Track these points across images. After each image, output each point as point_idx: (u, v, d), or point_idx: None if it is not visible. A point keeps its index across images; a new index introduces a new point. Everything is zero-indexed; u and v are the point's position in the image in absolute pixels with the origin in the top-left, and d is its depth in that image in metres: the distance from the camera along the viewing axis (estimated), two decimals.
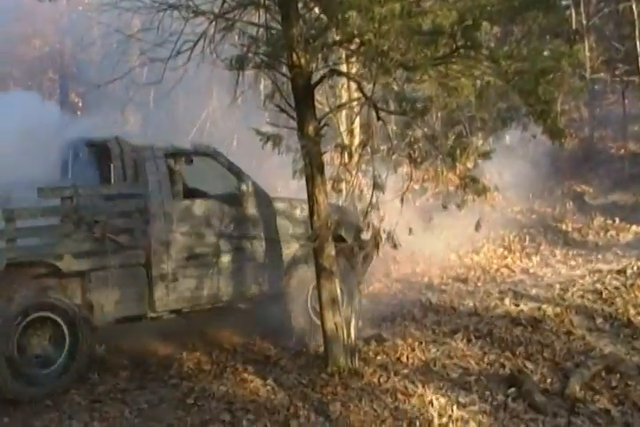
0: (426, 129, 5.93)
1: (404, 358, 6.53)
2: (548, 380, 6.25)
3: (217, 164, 6.80)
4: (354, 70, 7.20)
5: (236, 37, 6.24)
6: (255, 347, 7.08)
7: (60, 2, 9.15)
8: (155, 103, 12.46)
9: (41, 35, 14.42)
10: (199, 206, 6.61)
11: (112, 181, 6.39)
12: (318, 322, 6.80)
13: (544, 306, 7.85)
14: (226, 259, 6.66)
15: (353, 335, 6.21)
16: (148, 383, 6.12)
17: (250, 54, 5.82)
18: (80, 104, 13.41)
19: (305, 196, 6.19)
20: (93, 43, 10.06)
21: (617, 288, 8.29)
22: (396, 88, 5.67)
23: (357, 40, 5.57)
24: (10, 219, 5.64)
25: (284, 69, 6.12)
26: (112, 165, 6.34)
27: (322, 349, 6.38)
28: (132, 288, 6.20)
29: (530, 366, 6.45)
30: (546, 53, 5.40)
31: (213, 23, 5.95)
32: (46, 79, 12.92)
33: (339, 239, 7.14)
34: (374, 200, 5.86)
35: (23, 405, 5.66)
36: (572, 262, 9.96)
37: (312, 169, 5.96)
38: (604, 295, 8.10)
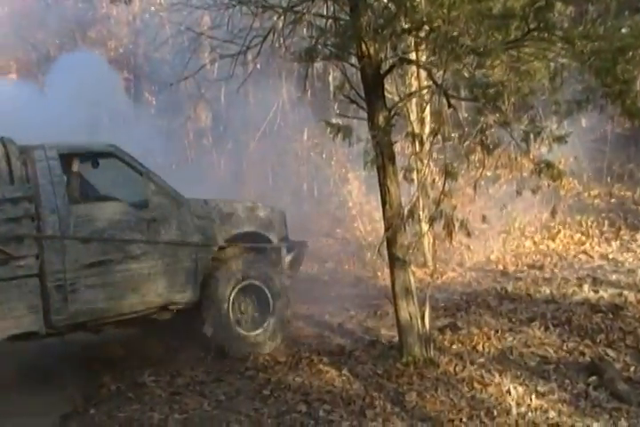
0: (498, 115, 5.83)
1: (479, 347, 6.46)
2: (632, 368, 6.06)
3: (121, 163, 6.36)
4: (423, 58, 7.12)
5: (305, 30, 6.28)
6: (328, 338, 7.16)
7: (134, 4, 9.43)
8: (225, 99, 12.69)
9: (116, 37, 14.91)
10: (99, 210, 6.17)
11: None
12: (241, 332, 6.73)
13: (625, 292, 7.63)
14: (133, 266, 6.20)
15: (427, 325, 6.19)
16: (225, 376, 6.22)
17: (319, 46, 5.84)
18: (154, 102, 13.80)
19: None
20: (165, 42, 10.32)
21: None
22: (466, 74, 5.60)
23: (426, 27, 5.51)
24: None
25: (353, 60, 6.13)
26: None
27: (396, 339, 6.38)
28: (22, 302, 5.66)
29: (611, 353, 6.27)
30: (624, 31, 5.21)
31: (282, 17, 6.01)
32: (122, 79, 13.38)
33: (263, 239, 7.06)
34: (446, 188, 5.82)
35: (107, 397, 5.90)
36: None
37: (383, 159, 5.96)
38: None
